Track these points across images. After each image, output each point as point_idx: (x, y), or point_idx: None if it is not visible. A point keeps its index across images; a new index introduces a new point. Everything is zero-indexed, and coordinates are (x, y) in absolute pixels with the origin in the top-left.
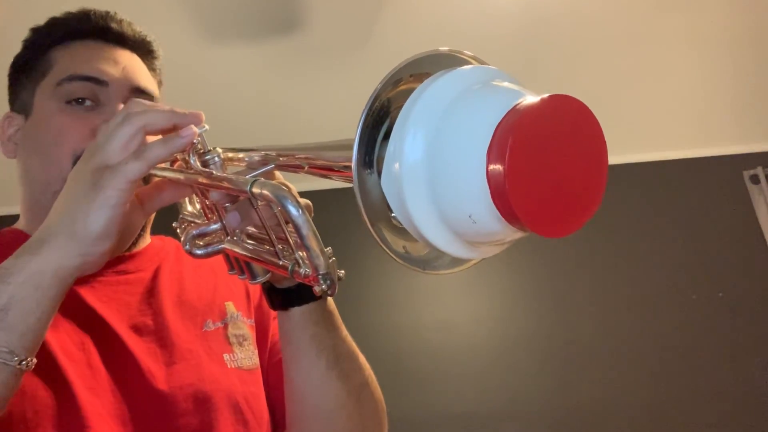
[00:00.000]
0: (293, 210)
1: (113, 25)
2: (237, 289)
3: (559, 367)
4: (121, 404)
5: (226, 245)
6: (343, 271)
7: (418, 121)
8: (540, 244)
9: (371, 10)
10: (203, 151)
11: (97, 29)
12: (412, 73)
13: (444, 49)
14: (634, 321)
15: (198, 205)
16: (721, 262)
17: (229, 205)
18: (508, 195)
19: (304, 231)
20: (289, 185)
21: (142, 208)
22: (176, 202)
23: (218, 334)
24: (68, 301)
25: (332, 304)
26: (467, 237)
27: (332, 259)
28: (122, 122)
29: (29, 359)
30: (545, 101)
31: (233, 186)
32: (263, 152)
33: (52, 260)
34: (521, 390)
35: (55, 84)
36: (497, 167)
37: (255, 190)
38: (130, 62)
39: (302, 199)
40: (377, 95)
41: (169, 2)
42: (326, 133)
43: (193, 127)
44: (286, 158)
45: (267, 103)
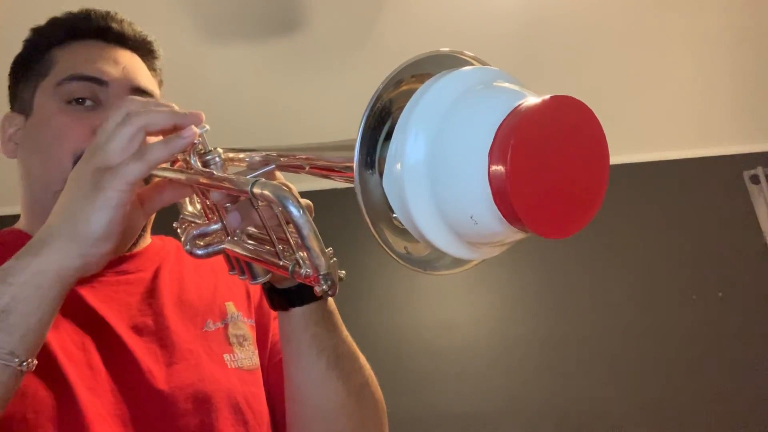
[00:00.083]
0: (294, 210)
1: (113, 25)
2: (237, 289)
3: (559, 367)
4: (121, 404)
5: (226, 245)
6: (343, 272)
7: (420, 122)
8: (540, 244)
9: (371, 10)
10: (204, 151)
11: (98, 29)
12: (413, 73)
13: (445, 49)
14: (633, 321)
15: (198, 206)
16: (721, 263)
17: (230, 205)
18: (509, 196)
19: (305, 231)
20: (290, 185)
21: (143, 209)
22: (177, 202)
23: (218, 334)
24: (69, 302)
25: (333, 304)
26: (468, 238)
27: (333, 260)
28: (122, 122)
29: (30, 360)
30: (546, 102)
31: (234, 186)
32: (264, 152)
33: (53, 261)
34: (521, 390)
35: (55, 84)
36: (499, 168)
37: (256, 190)
38: (131, 62)
39: (303, 200)
40: (379, 96)
41: (169, 2)
42: (326, 133)
43: (193, 127)
44: (286, 158)
45: (267, 103)
